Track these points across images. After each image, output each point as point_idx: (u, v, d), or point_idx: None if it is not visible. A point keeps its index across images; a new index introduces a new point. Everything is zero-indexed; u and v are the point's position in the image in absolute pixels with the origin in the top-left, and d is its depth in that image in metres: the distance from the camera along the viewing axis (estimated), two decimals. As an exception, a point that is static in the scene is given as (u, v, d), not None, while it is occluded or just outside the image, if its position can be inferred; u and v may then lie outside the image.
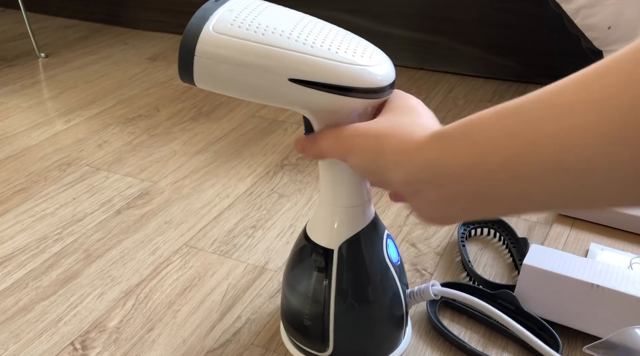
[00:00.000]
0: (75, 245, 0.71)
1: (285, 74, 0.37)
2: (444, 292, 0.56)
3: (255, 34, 0.37)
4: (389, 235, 0.51)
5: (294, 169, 0.87)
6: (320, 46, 0.37)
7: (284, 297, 0.53)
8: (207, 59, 0.37)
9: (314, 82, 0.37)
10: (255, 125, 1.02)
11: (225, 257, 0.68)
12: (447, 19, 1.22)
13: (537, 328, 0.55)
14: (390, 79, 0.39)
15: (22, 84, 1.21)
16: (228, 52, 0.37)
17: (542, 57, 1.16)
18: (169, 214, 0.76)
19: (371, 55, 0.39)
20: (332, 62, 0.37)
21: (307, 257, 0.49)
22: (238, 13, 0.38)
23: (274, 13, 0.39)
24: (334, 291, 0.48)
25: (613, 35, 0.98)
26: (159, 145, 0.95)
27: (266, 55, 0.37)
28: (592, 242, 0.68)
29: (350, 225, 0.48)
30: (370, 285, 0.49)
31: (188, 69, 0.37)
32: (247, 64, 0.37)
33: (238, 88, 0.39)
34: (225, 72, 0.37)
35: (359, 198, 0.47)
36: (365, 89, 0.38)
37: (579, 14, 0.99)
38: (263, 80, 0.38)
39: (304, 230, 0.51)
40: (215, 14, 0.37)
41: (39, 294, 0.63)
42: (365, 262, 0.49)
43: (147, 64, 1.32)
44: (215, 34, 0.37)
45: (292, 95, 0.38)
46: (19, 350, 0.56)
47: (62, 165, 0.89)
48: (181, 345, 0.56)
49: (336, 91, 0.38)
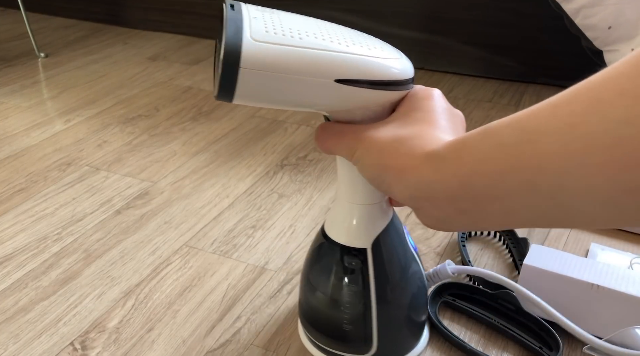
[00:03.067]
0: (75, 245, 0.71)
1: (332, 75, 0.36)
2: (461, 270, 0.57)
3: (293, 38, 0.35)
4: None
5: (294, 169, 0.87)
6: (354, 45, 0.37)
7: (310, 308, 0.51)
8: (254, 70, 0.34)
9: (360, 81, 0.37)
10: (255, 125, 1.02)
11: (225, 257, 0.68)
12: (447, 19, 1.22)
13: (538, 329, 0.55)
14: (413, 69, 0.40)
15: (22, 84, 1.21)
16: (275, 61, 0.35)
17: (542, 57, 1.16)
18: (168, 214, 0.76)
19: (391, 50, 0.39)
20: (372, 58, 0.37)
21: (336, 262, 0.48)
22: (263, 19, 0.36)
23: (290, 17, 0.38)
24: (374, 290, 0.47)
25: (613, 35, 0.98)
26: (159, 145, 0.95)
27: (312, 58, 0.35)
28: (593, 242, 0.68)
29: (379, 221, 0.47)
30: (404, 276, 0.49)
31: (231, 84, 0.34)
32: (294, 71, 0.35)
33: (281, 97, 0.37)
34: (271, 82, 0.35)
35: (382, 193, 0.46)
36: (402, 81, 0.38)
37: (579, 14, 0.99)
38: (309, 85, 0.36)
39: (324, 235, 0.49)
40: (244, 22, 0.35)
41: (38, 294, 0.63)
42: (398, 254, 0.49)
43: (147, 63, 1.32)
44: (257, 43, 0.34)
45: (337, 97, 0.37)
46: (18, 350, 0.56)
47: (61, 165, 0.89)
48: (181, 345, 0.56)
49: (379, 87, 0.37)
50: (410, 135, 0.36)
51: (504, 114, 1.11)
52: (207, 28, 1.47)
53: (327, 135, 0.41)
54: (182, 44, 1.45)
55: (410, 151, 0.35)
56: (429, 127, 0.36)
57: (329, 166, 0.87)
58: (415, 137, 0.35)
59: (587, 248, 0.67)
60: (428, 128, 0.36)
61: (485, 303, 0.59)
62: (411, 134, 0.36)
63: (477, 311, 0.58)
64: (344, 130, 0.39)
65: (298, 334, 0.57)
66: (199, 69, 1.29)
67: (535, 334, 0.55)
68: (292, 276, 0.65)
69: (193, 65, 1.31)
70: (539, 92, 1.14)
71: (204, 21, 1.47)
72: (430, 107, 0.38)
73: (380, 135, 0.37)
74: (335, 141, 0.40)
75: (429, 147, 0.34)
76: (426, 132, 0.36)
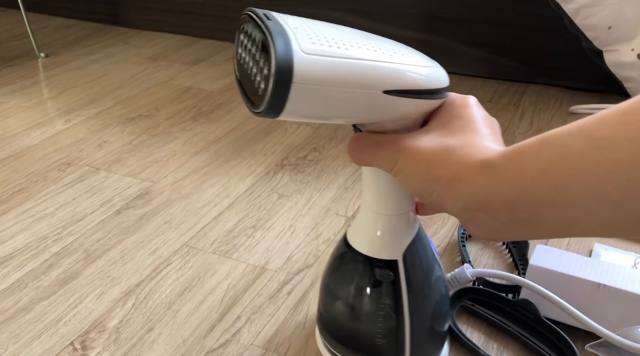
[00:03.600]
0: (75, 245, 0.71)
1: (381, 86, 0.34)
2: (481, 273, 0.56)
3: (340, 49, 0.33)
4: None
5: (294, 169, 0.87)
6: (395, 54, 0.36)
7: (334, 320, 0.50)
8: (306, 85, 0.32)
9: (408, 91, 0.36)
10: (255, 125, 1.02)
11: (225, 257, 0.68)
12: (447, 19, 1.22)
13: (556, 340, 0.54)
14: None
15: (22, 84, 1.21)
16: (327, 74, 0.33)
17: (542, 57, 1.16)
18: (168, 214, 0.76)
19: (426, 58, 0.38)
20: (417, 67, 0.36)
21: (365, 274, 0.46)
22: (304, 30, 0.34)
23: (326, 26, 0.36)
24: (406, 302, 0.46)
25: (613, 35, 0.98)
26: (159, 145, 0.95)
27: (361, 70, 0.34)
28: (596, 242, 0.68)
29: (408, 231, 0.46)
30: (432, 285, 0.48)
31: (281, 100, 0.32)
32: (344, 83, 0.33)
33: (327, 111, 0.35)
34: (320, 96, 0.33)
35: (411, 201, 0.45)
36: (443, 88, 0.38)
37: (579, 14, 0.99)
38: (357, 97, 0.34)
39: (348, 245, 0.47)
40: (288, 33, 0.32)
41: (38, 294, 0.63)
42: (427, 263, 0.47)
43: (147, 63, 1.32)
44: (308, 55, 0.32)
45: (383, 108, 0.36)
46: (18, 350, 0.56)
47: (61, 165, 0.89)
48: (181, 345, 0.56)
49: (424, 96, 0.37)
50: (457, 144, 0.35)
51: (503, 114, 1.10)
52: (207, 28, 1.47)
53: (363, 146, 0.39)
54: (182, 44, 1.45)
55: (461, 160, 0.34)
56: (474, 136, 0.35)
57: (329, 166, 0.87)
58: (463, 146, 0.35)
59: (591, 248, 0.67)
60: (473, 137, 0.35)
61: (504, 310, 0.58)
62: (458, 143, 0.35)
63: (496, 318, 0.57)
64: (382, 141, 0.38)
65: (298, 334, 0.57)
66: (199, 69, 1.29)
67: (553, 345, 0.54)
68: (292, 276, 0.65)
69: (193, 65, 1.31)
70: (539, 92, 1.14)
71: (204, 21, 1.47)
72: (470, 114, 0.37)
73: (424, 145, 0.36)
74: (372, 152, 0.38)
75: (480, 155, 0.33)
76: (473, 141, 0.35)
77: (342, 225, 0.74)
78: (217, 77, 1.24)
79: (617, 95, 1.08)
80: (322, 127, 1.01)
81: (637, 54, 0.96)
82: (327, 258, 0.68)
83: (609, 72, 1.03)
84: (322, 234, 0.72)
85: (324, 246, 0.70)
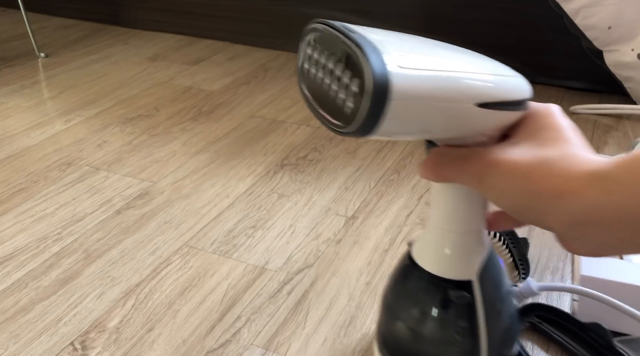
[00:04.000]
0: (75, 245, 0.71)
1: (474, 99, 0.32)
2: (548, 287, 0.53)
3: (431, 62, 0.31)
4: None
5: (294, 169, 0.87)
6: (481, 64, 0.34)
7: (400, 343, 0.47)
8: (403, 101, 0.30)
9: (500, 103, 0.34)
10: (255, 125, 1.02)
11: (225, 257, 0.68)
12: (447, 19, 1.22)
13: None
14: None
15: (22, 84, 1.21)
16: (423, 89, 0.30)
17: (542, 57, 1.16)
18: (168, 214, 0.76)
19: (504, 66, 0.36)
20: (506, 78, 0.34)
21: (435, 296, 0.44)
22: (389, 42, 0.31)
23: (403, 37, 0.34)
24: (483, 324, 0.43)
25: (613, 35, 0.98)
26: (159, 145, 0.95)
27: (455, 83, 0.32)
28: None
29: (482, 249, 0.43)
30: (505, 302, 0.45)
31: (376, 119, 0.30)
32: (438, 98, 0.31)
33: (419, 128, 0.33)
34: (414, 112, 0.31)
35: (484, 217, 0.42)
36: (528, 99, 0.36)
37: (579, 14, 0.99)
38: (450, 112, 0.32)
39: (415, 265, 0.44)
40: (378, 47, 0.30)
41: (38, 294, 0.63)
42: (501, 279, 0.45)
43: (147, 63, 1.32)
44: (403, 70, 0.30)
45: (474, 122, 0.34)
46: (18, 350, 0.56)
47: (61, 165, 0.89)
48: (181, 345, 0.56)
49: (514, 107, 0.35)
50: (555, 155, 0.32)
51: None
52: (207, 28, 1.47)
53: (447, 161, 0.36)
54: (182, 44, 1.45)
55: (565, 172, 0.31)
56: (569, 146, 0.33)
57: (329, 166, 0.87)
58: (563, 157, 0.32)
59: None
60: (569, 147, 0.33)
61: (573, 332, 0.55)
62: (556, 154, 0.32)
63: (565, 340, 0.54)
64: (468, 155, 0.35)
65: (298, 334, 0.57)
66: (199, 69, 1.29)
67: None
68: (292, 276, 0.65)
69: (193, 65, 1.31)
70: (539, 92, 1.14)
71: (204, 21, 1.47)
72: (558, 124, 0.35)
73: (519, 158, 0.33)
74: (456, 167, 0.35)
75: (587, 166, 0.31)
76: (572, 151, 0.32)
77: (342, 225, 0.74)
78: (217, 77, 1.24)
79: (618, 95, 1.08)
80: (322, 127, 1.00)
81: (637, 54, 0.96)
82: (327, 258, 0.68)
83: (609, 72, 1.03)
84: (322, 234, 0.72)
85: (324, 246, 0.70)
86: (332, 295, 0.62)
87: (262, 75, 1.25)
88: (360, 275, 0.65)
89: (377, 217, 0.75)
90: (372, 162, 0.88)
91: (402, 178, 0.84)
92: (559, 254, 0.68)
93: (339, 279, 0.64)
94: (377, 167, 0.87)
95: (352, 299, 0.62)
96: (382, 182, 0.83)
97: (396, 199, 0.79)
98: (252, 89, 1.18)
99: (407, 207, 0.78)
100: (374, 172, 0.86)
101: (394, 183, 0.83)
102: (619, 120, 1.02)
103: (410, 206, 0.78)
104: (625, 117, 1.03)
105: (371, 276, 0.65)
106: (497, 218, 0.43)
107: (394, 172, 0.86)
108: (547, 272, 0.65)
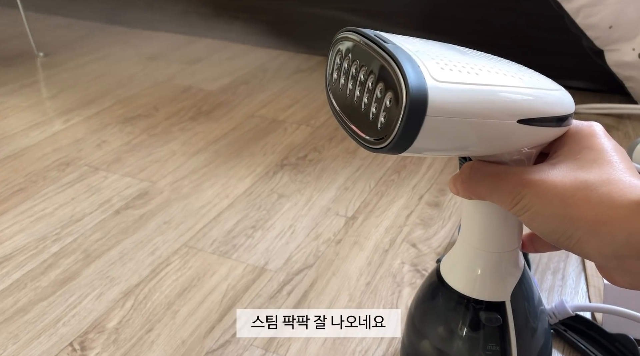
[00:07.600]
0: (74, 246, 0.70)
1: (516, 115, 0.30)
2: (584, 307, 0.52)
3: (471, 75, 0.29)
4: None
5: (293, 169, 0.87)
6: (523, 77, 0.32)
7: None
8: (440, 118, 0.28)
9: (543, 118, 0.32)
10: (255, 125, 1.02)
11: (225, 258, 0.68)
12: (447, 19, 1.21)
13: None
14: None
15: (21, 84, 1.20)
16: (462, 104, 0.29)
17: (542, 57, 1.16)
18: (168, 214, 0.76)
19: (546, 79, 0.34)
20: (547, 91, 0.32)
21: (464, 317, 0.41)
22: (426, 53, 0.29)
23: (440, 46, 0.32)
24: (515, 346, 0.41)
25: (614, 35, 0.98)
26: (158, 145, 0.95)
27: (496, 98, 0.30)
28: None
29: (515, 269, 0.41)
30: (538, 323, 0.43)
31: (411, 135, 0.28)
32: (478, 114, 0.29)
33: (455, 144, 0.31)
34: (451, 128, 0.29)
35: (520, 237, 0.40)
36: (571, 114, 0.34)
37: (580, 14, 0.98)
38: (489, 128, 0.30)
39: (445, 284, 0.42)
40: (413, 58, 0.28)
41: (37, 294, 0.63)
42: (535, 300, 0.43)
43: (146, 63, 1.32)
44: (441, 84, 0.28)
45: (514, 139, 0.32)
46: (17, 350, 0.56)
47: (60, 165, 0.89)
48: (180, 345, 0.56)
49: (557, 123, 0.33)
50: (597, 179, 0.30)
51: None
52: (207, 28, 1.47)
53: (479, 178, 0.34)
54: (182, 44, 1.44)
55: (607, 199, 0.29)
56: (613, 170, 0.31)
57: (329, 166, 0.87)
58: (605, 182, 0.30)
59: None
60: (613, 171, 0.31)
61: (599, 342, 0.53)
62: (598, 178, 0.30)
63: (590, 350, 0.53)
64: (504, 173, 0.33)
65: (298, 335, 0.57)
66: (198, 68, 1.29)
67: None
68: (291, 276, 0.65)
69: (192, 65, 1.31)
70: (539, 92, 1.14)
71: (204, 21, 1.47)
72: (601, 145, 0.33)
73: (557, 179, 0.31)
74: (490, 185, 0.33)
75: (631, 194, 0.29)
76: (616, 176, 0.30)
77: (342, 225, 0.74)
78: (216, 77, 1.24)
79: (618, 95, 1.08)
80: (322, 127, 1.00)
81: (638, 54, 0.96)
82: (327, 258, 0.67)
83: (610, 72, 1.02)
84: (322, 234, 0.72)
85: (324, 246, 0.70)
86: (332, 296, 0.62)
87: (262, 75, 1.25)
88: (360, 275, 0.65)
89: (377, 217, 0.75)
90: (372, 162, 0.88)
91: (402, 178, 0.84)
92: (559, 255, 0.68)
93: (339, 279, 0.64)
94: (377, 167, 0.87)
95: (352, 299, 0.61)
96: (382, 182, 0.83)
97: (396, 199, 0.79)
98: (252, 88, 1.18)
99: (407, 207, 0.77)
100: (374, 172, 0.86)
101: (394, 183, 0.83)
102: (619, 119, 1.02)
103: (411, 206, 0.77)
104: (626, 117, 1.02)
105: (371, 276, 0.65)
106: (533, 240, 0.40)
107: (394, 172, 0.86)
108: (548, 273, 0.65)
